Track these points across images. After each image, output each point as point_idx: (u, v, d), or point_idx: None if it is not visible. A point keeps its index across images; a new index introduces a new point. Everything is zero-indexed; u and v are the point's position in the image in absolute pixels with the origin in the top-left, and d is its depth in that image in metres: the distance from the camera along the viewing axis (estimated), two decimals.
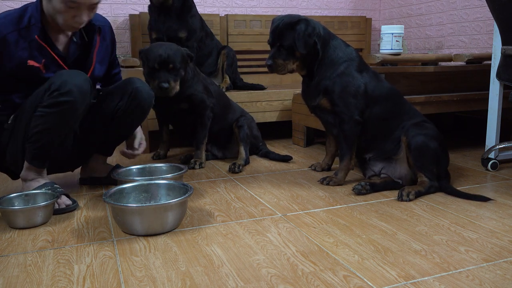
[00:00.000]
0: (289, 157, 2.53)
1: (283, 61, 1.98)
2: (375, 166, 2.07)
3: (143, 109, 1.96)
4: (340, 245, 1.41)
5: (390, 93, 2.03)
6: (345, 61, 1.99)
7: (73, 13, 1.68)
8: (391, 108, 2.01)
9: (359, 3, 4.15)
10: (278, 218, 1.66)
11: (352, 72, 1.98)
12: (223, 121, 2.53)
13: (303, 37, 1.92)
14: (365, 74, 2.01)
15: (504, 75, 2.07)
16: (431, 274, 1.22)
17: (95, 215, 1.71)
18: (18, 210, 1.58)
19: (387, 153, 2.02)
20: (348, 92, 1.96)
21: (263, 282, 1.19)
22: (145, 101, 1.94)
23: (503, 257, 1.32)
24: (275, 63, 1.98)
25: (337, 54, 2.00)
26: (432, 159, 1.90)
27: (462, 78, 2.68)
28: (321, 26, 2.01)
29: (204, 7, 3.65)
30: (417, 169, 1.90)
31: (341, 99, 1.97)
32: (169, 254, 1.36)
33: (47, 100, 1.65)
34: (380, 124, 2.01)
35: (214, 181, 2.17)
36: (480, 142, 2.63)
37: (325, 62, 2.00)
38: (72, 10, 1.66)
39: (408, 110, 2.03)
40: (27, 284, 1.20)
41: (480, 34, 3.23)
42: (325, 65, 2.00)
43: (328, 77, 1.98)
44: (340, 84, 1.97)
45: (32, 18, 1.70)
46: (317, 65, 2.01)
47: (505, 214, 1.67)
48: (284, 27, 1.94)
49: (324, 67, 2.00)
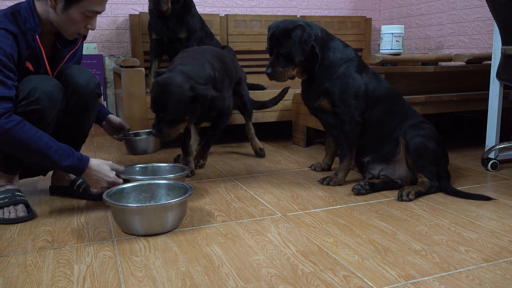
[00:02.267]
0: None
1: (283, 69, 1.96)
2: (374, 169, 2.06)
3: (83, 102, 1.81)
4: (340, 245, 1.41)
5: (390, 94, 2.03)
6: (345, 62, 1.99)
7: (87, 22, 1.66)
8: (391, 109, 2.01)
9: (359, 3, 4.15)
10: (278, 218, 1.66)
11: (352, 73, 1.98)
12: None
13: (300, 44, 1.90)
14: (365, 74, 2.00)
15: (504, 75, 2.07)
16: (431, 274, 1.22)
17: (95, 215, 1.71)
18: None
19: (385, 155, 2.02)
20: (349, 93, 1.96)
21: (263, 282, 1.19)
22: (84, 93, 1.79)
23: (503, 257, 1.32)
24: (274, 71, 1.96)
25: (337, 55, 1.99)
26: (431, 159, 1.89)
27: (462, 78, 2.68)
28: (319, 28, 2.00)
29: (204, 7, 3.65)
30: (417, 169, 1.90)
31: (342, 100, 1.97)
32: (169, 254, 1.36)
33: (16, 109, 1.56)
34: (379, 126, 2.01)
35: (214, 181, 2.17)
36: (480, 142, 2.63)
37: (324, 64, 1.99)
38: (88, 19, 1.65)
39: (407, 111, 2.03)
40: (27, 284, 1.20)
41: (480, 34, 3.23)
42: (325, 67, 1.99)
43: (328, 79, 1.98)
44: (341, 85, 1.97)
45: (28, 21, 1.62)
46: (318, 68, 2.00)
47: (505, 214, 1.67)
48: (281, 35, 1.92)
49: (324, 69, 1.99)
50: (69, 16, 1.62)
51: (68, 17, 1.62)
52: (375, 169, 2.06)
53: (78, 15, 1.62)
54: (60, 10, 1.62)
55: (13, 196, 1.68)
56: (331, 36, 2.04)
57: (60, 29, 1.68)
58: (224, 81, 2.24)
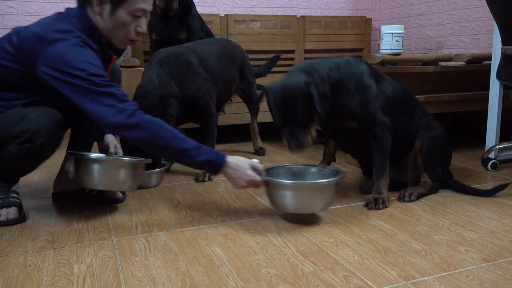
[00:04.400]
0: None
1: (304, 133, 1.67)
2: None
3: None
4: (340, 245, 1.41)
5: (404, 94, 1.91)
6: (357, 76, 1.77)
7: (137, 23, 1.60)
8: (408, 110, 1.91)
9: (359, 3, 4.15)
10: (278, 218, 1.66)
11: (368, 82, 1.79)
12: None
13: (320, 104, 1.60)
14: (381, 83, 1.85)
15: (504, 75, 2.07)
16: (431, 274, 1.22)
17: (95, 215, 1.71)
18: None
19: (399, 157, 1.92)
20: (374, 105, 1.78)
21: (263, 282, 1.19)
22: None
23: (503, 257, 1.32)
24: (300, 142, 1.67)
25: (352, 82, 1.76)
26: (440, 160, 1.90)
27: (462, 78, 2.68)
28: (325, 68, 1.70)
29: (204, 7, 3.65)
30: (424, 169, 1.89)
31: (367, 113, 1.78)
32: (169, 254, 1.36)
33: (14, 146, 1.50)
34: (402, 130, 1.87)
35: (214, 181, 2.17)
36: (480, 142, 2.63)
37: (343, 95, 1.75)
38: (136, 20, 1.59)
39: (419, 108, 1.95)
40: (27, 284, 1.20)
41: (480, 34, 3.23)
42: (344, 94, 1.76)
43: (350, 103, 1.76)
44: (360, 99, 1.76)
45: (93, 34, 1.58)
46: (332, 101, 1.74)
47: (505, 214, 1.67)
48: (290, 102, 1.61)
49: (344, 96, 1.76)
50: (118, 19, 1.57)
51: (116, 20, 1.57)
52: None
53: (127, 16, 1.57)
54: (107, 16, 1.57)
55: (7, 197, 1.66)
56: (339, 64, 1.76)
57: (110, 36, 1.62)
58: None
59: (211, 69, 2.25)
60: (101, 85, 1.46)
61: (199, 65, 2.19)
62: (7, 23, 3.17)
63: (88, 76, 1.45)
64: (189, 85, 2.13)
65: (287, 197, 1.56)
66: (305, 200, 1.56)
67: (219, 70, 2.31)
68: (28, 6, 3.21)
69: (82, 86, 1.45)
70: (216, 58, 2.31)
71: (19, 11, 3.19)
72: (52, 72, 1.46)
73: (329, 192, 1.58)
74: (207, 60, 2.24)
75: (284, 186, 1.57)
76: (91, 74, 1.46)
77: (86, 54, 1.49)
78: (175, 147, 1.51)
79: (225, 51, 2.41)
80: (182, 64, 2.14)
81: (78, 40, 1.50)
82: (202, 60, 2.22)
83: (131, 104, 1.50)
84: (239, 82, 2.55)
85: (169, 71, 2.08)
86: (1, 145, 1.53)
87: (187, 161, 1.56)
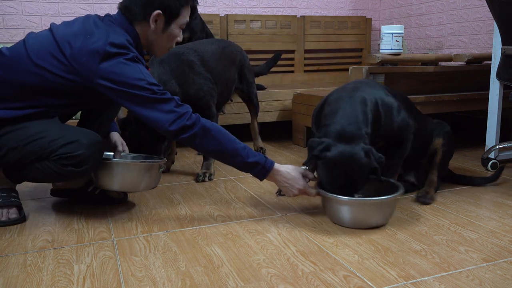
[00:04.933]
0: None
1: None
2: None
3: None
4: (340, 245, 1.41)
5: (408, 99, 1.90)
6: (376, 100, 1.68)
7: (179, 34, 1.71)
8: (418, 115, 1.88)
9: (359, 3, 4.15)
10: (278, 218, 1.66)
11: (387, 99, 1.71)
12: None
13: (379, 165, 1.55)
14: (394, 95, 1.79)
15: (504, 75, 2.07)
16: (431, 274, 1.22)
17: (95, 215, 1.71)
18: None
19: (419, 159, 1.92)
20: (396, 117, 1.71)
21: (263, 282, 1.19)
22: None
23: (503, 257, 1.32)
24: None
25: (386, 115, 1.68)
26: (449, 159, 1.94)
27: (462, 78, 2.68)
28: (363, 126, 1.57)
29: (204, 7, 3.65)
30: (439, 165, 1.90)
31: (400, 128, 1.72)
32: (169, 254, 1.36)
33: (55, 165, 1.53)
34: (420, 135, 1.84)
35: (214, 181, 2.17)
36: (480, 142, 2.63)
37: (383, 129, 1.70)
38: (180, 32, 1.71)
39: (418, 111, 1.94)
40: (27, 284, 1.20)
41: (480, 34, 3.23)
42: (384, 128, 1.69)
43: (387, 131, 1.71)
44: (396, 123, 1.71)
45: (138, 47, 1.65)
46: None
47: (505, 214, 1.67)
48: (361, 173, 1.53)
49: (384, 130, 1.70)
50: (170, 33, 1.67)
51: (169, 34, 1.67)
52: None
53: (177, 30, 1.68)
54: (160, 30, 1.65)
55: (8, 197, 1.66)
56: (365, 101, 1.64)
57: (156, 47, 1.71)
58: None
59: (212, 70, 2.25)
60: (159, 93, 1.53)
61: (200, 65, 2.19)
62: (7, 23, 3.17)
63: (148, 86, 1.51)
64: (190, 84, 2.13)
65: (342, 212, 1.55)
66: (361, 215, 1.54)
67: (220, 71, 2.31)
68: (28, 6, 3.21)
69: (142, 96, 1.51)
70: (217, 59, 2.31)
71: (19, 11, 3.19)
72: (110, 84, 1.51)
73: (385, 208, 1.56)
74: (208, 60, 2.24)
75: (341, 201, 1.53)
76: (150, 83, 1.52)
77: (141, 67, 1.56)
78: (230, 148, 1.56)
79: (225, 51, 2.41)
80: (184, 64, 2.14)
81: (134, 55, 1.55)
82: (203, 60, 2.22)
83: (188, 107, 1.57)
84: (238, 82, 2.55)
85: (170, 70, 2.08)
86: (37, 158, 1.54)
87: (239, 161, 1.58)
